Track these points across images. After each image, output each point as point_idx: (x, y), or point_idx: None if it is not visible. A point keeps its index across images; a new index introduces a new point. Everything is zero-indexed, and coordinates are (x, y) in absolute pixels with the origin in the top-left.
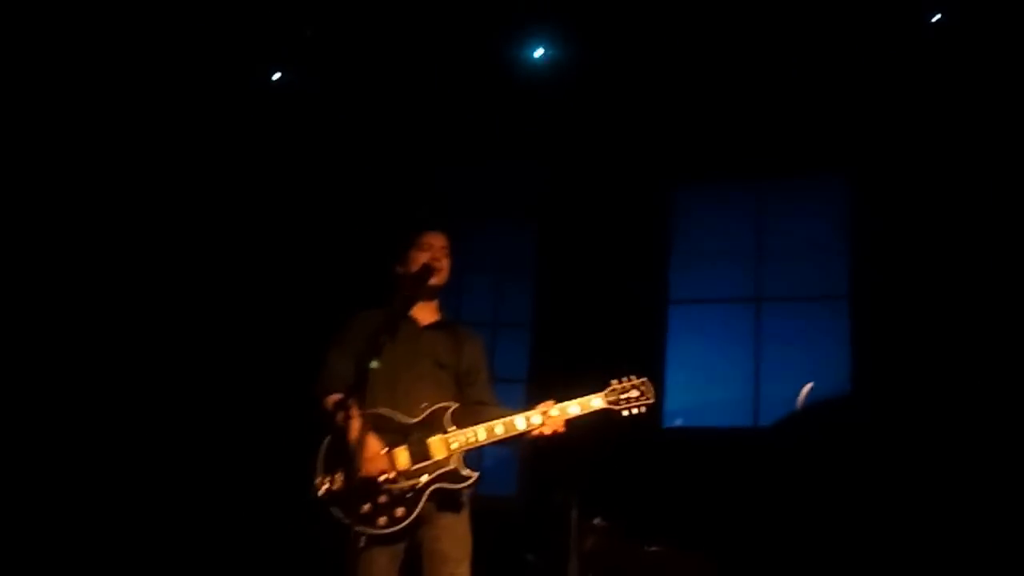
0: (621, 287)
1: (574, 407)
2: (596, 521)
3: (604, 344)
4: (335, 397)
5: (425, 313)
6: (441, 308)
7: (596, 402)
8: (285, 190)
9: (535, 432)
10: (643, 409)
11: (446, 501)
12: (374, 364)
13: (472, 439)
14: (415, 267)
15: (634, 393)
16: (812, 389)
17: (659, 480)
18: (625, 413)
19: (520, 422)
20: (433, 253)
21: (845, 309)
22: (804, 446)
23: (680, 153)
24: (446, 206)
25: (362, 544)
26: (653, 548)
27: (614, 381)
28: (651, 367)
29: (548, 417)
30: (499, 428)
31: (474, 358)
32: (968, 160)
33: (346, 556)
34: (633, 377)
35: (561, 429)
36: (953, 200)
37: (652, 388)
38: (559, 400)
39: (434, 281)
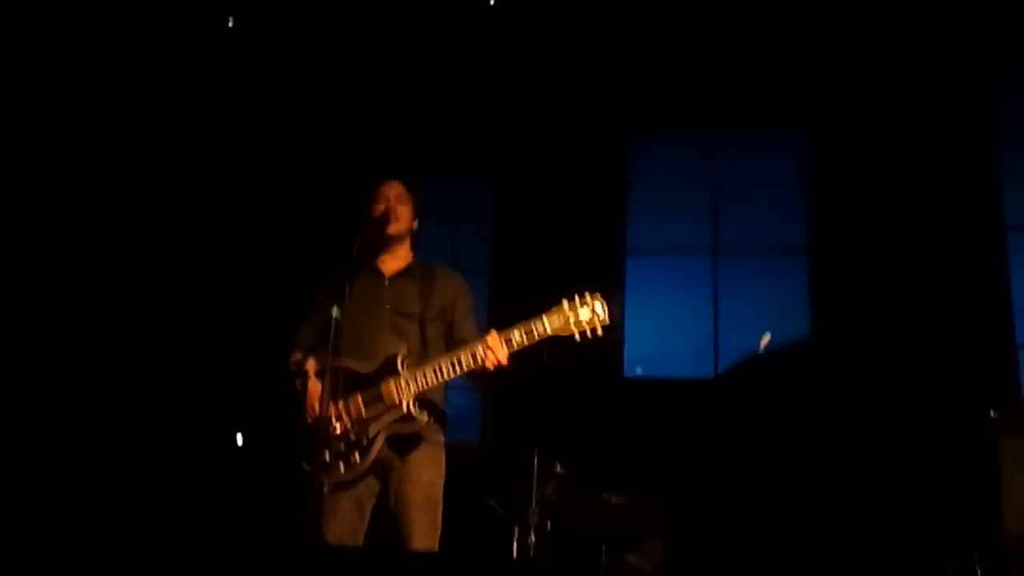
0: (579, 237)
1: (516, 333)
2: (557, 468)
3: (562, 294)
4: (295, 357)
5: (392, 262)
6: (412, 254)
7: (541, 326)
8: (245, 148)
9: (487, 364)
10: (599, 330)
11: (408, 446)
12: (335, 313)
13: (422, 381)
14: (372, 217)
15: (585, 313)
16: (771, 340)
17: (619, 429)
18: (578, 337)
19: (467, 358)
20: (388, 203)
21: (803, 262)
22: (761, 392)
23: (638, 103)
24: (406, 155)
25: (325, 491)
26: (612, 496)
27: (565, 301)
28: (610, 317)
29: (487, 347)
30: (446, 367)
31: (447, 299)
32: (922, 115)
33: (312, 504)
34: (585, 295)
35: (503, 361)
36: (908, 154)
37: (605, 306)
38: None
39: (391, 230)
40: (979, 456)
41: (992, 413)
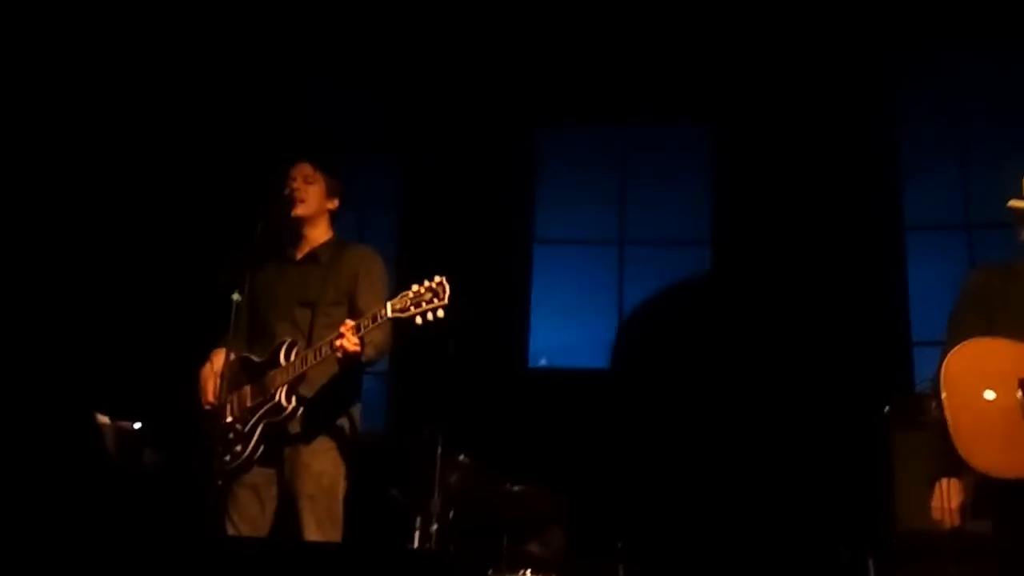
0: (487, 224)
1: (365, 319)
2: (460, 458)
3: (469, 281)
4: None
5: (304, 244)
6: (328, 236)
7: (384, 310)
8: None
9: (339, 352)
10: (439, 312)
11: (298, 437)
12: (235, 297)
13: (295, 370)
14: (278, 200)
15: (427, 296)
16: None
17: (523, 418)
18: (419, 320)
19: (326, 347)
20: (294, 183)
21: (707, 254)
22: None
23: (548, 92)
24: (315, 137)
25: (220, 483)
26: (514, 486)
27: (413, 285)
28: (517, 305)
29: (338, 335)
30: (311, 355)
31: (349, 279)
32: (826, 113)
33: (210, 495)
34: (429, 280)
35: (351, 347)
36: (811, 151)
37: (447, 288)
38: None
39: (298, 211)
40: (873, 451)
41: (887, 408)
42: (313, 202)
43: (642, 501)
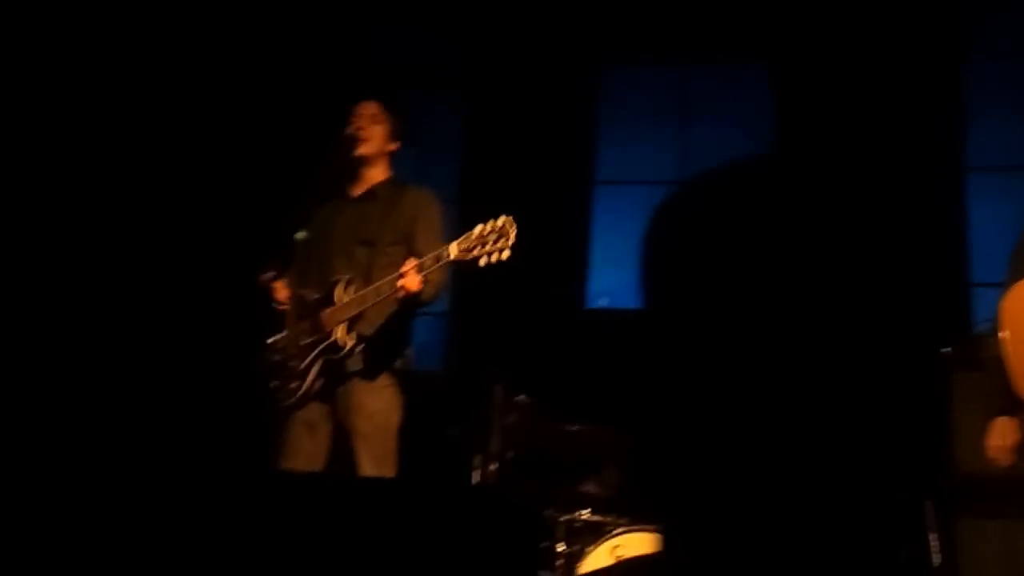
0: (548, 164)
1: (427, 260)
2: (519, 398)
3: (530, 221)
4: (265, 276)
5: (362, 184)
6: (386, 176)
7: (446, 252)
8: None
9: (401, 292)
10: (504, 255)
11: (352, 376)
12: (299, 235)
13: (352, 308)
14: (342, 139)
15: (492, 237)
16: None
17: (582, 359)
18: (483, 262)
19: (388, 285)
20: (358, 122)
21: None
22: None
23: (610, 32)
24: (378, 76)
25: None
26: (573, 426)
27: (478, 226)
28: (576, 246)
29: (402, 273)
30: (371, 294)
31: (406, 220)
32: (888, 51)
33: (270, 428)
34: (494, 220)
35: (412, 287)
36: (873, 91)
37: (514, 227)
38: None
39: (361, 150)
40: (932, 392)
41: (946, 349)
42: (376, 142)
43: (697, 443)
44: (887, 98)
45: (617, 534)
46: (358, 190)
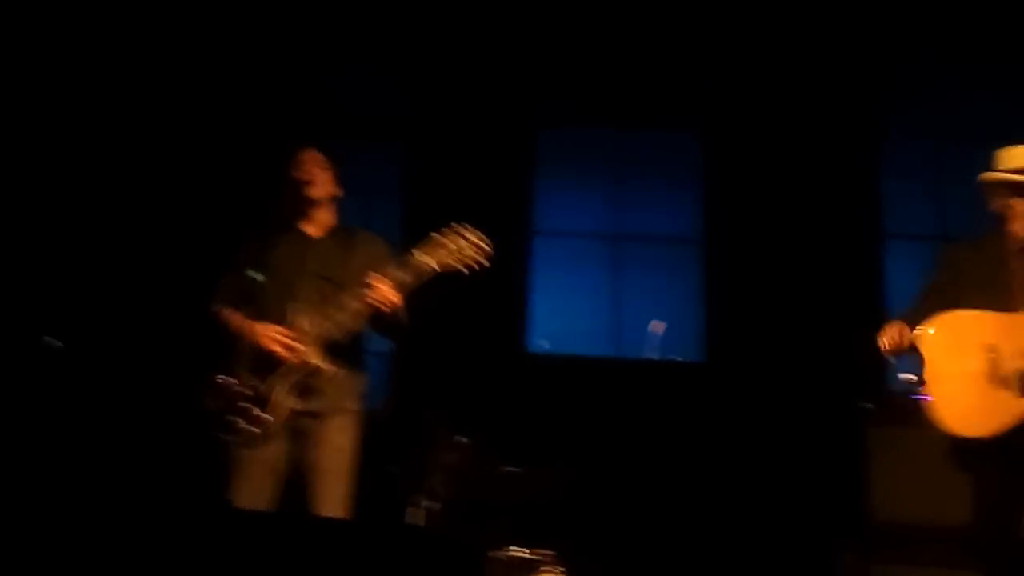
0: (487, 216)
1: (399, 273)
2: (459, 439)
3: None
4: (217, 309)
5: (315, 226)
6: (336, 219)
7: (430, 263)
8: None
9: (370, 300)
10: (481, 257)
11: (321, 412)
12: (257, 276)
13: (315, 332)
14: (293, 180)
15: (463, 242)
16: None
17: (521, 402)
18: (462, 266)
19: (356, 300)
20: (308, 166)
21: (698, 252)
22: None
23: (548, 93)
24: (326, 121)
25: (233, 452)
26: (511, 468)
27: (433, 234)
28: (516, 295)
29: (371, 286)
30: (338, 314)
31: (367, 262)
32: (810, 122)
33: (224, 465)
34: (454, 226)
35: (395, 296)
36: (796, 159)
37: (481, 235)
38: None
39: (313, 193)
40: (849, 446)
41: (863, 405)
42: (326, 186)
43: (628, 486)
44: (811, 168)
45: (546, 570)
46: (312, 230)
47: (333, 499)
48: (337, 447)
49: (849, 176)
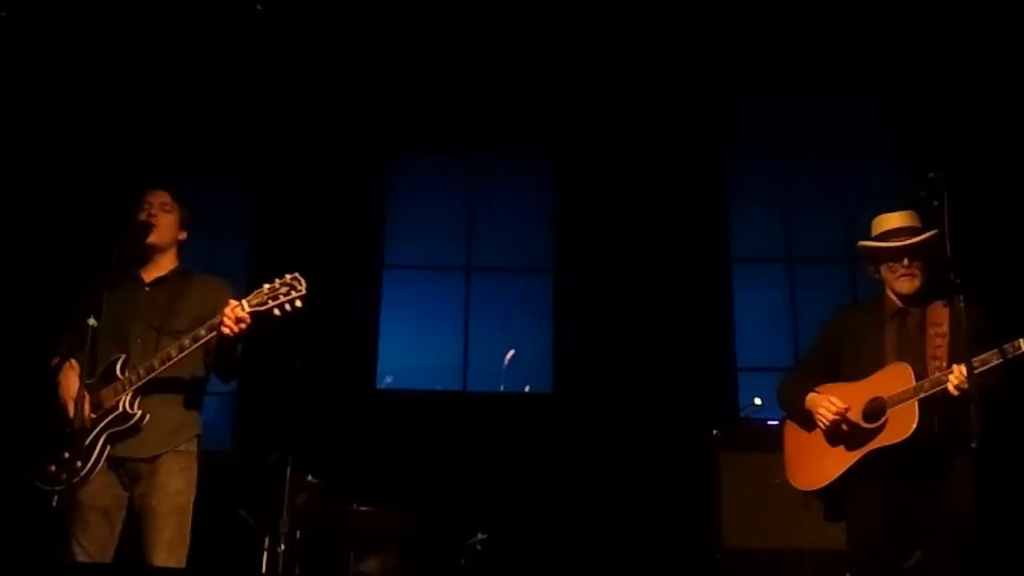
0: (336, 250)
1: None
2: (308, 478)
3: (322, 303)
4: (54, 362)
5: (154, 270)
6: (176, 264)
7: (241, 306)
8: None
9: (227, 327)
10: (297, 303)
11: (153, 454)
12: (91, 322)
13: (136, 379)
14: (133, 225)
15: (283, 289)
16: (514, 355)
17: (370, 439)
18: (277, 312)
19: (200, 333)
20: (151, 210)
21: (548, 282)
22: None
23: (399, 122)
24: (169, 159)
25: (55, 504)
26: (361, 506)
27: (267, 284)
28: (365, 328)
29: (221, 320)
30: (173, 350)
31: (205, 308)
32: (659, 152)
33: (64, 522)
34: (285, 276)
35: (242, 313)
36: (645, 188)
37: (302, 281)
38: None
39: (152, 239)
40: (701, 471)
41: (714, 431)
42: (168, 231)
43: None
44: (661, 195)
45: None
46: (149, 276)
47: (165, 543)
48: (169, 490)
49: (697, 203)
